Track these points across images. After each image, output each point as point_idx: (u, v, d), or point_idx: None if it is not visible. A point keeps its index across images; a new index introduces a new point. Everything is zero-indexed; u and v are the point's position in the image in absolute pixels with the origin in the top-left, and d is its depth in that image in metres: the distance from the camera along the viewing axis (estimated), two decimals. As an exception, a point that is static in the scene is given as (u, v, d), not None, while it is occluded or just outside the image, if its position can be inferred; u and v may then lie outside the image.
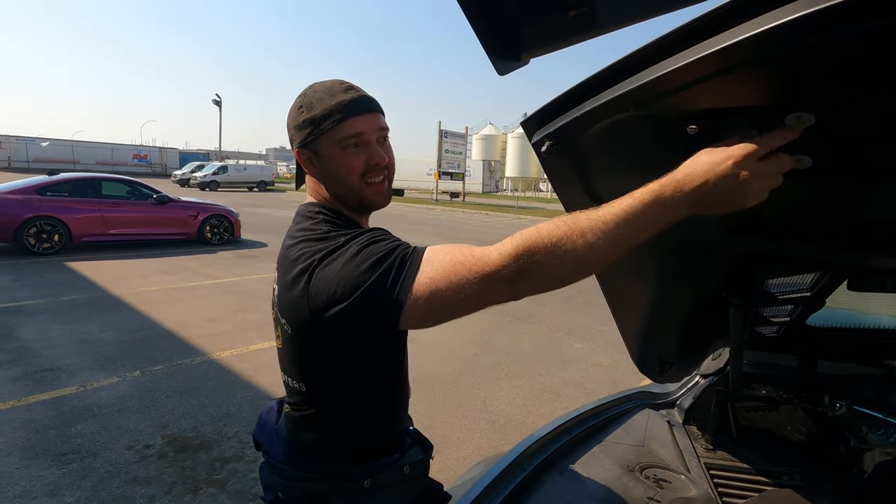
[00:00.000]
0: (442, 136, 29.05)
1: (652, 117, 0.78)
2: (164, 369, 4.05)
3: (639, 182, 1.01)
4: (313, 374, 0.95)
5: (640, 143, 0.89)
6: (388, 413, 1.02)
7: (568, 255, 0.72)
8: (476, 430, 3.38)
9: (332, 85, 0.93)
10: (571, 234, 0.73)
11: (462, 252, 0.79)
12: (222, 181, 31.73)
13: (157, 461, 2.80)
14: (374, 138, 0.93)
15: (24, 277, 6.87)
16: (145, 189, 9.79)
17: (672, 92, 0.68)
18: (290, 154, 11.78)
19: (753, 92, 0.66)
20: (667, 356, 1.76)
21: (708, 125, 0.75)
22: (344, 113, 0.89)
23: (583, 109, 0.82)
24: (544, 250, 0.73)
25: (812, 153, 0.72)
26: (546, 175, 1.04)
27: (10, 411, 3.27)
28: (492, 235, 14.64)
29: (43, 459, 2.76)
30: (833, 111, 0.66)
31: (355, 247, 0.83)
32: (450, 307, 0.79)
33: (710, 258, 1.28)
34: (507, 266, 0.75)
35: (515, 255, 0.75)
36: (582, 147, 0.92)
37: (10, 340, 4.52)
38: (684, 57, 0.63)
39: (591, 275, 0.79)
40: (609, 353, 4.96)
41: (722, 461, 1.56)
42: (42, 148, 42.80)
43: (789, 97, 0.66)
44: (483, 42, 0.91)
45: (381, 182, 0.95)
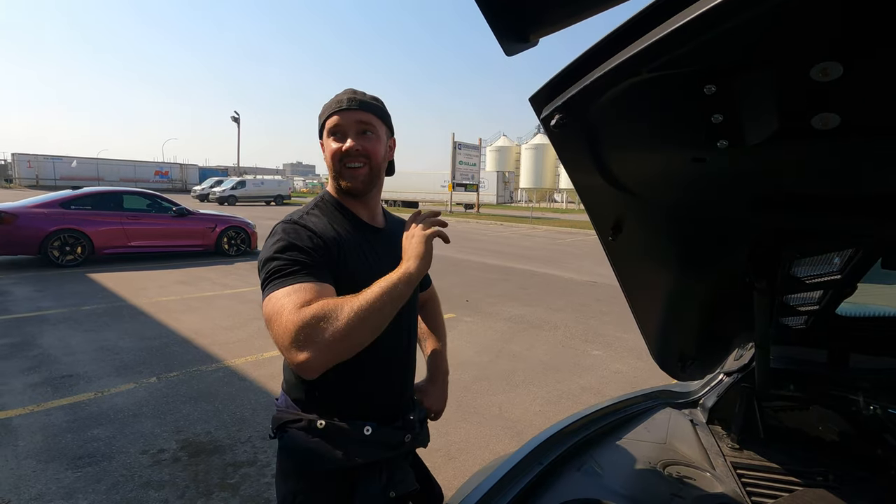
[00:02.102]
0: (456, 147, 29.19)
1: (666, 80, 0.74)
2: (179, 376, 4.07)
3: (651, 157, 0.96)
4: None
5: (655, 110, 0.84)
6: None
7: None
8: (492, 436, 3.31)
9: (343, 91, 1.18)
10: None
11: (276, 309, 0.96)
12: (240, 196, 32.30)
13: (171, 465, 2.79)
14: (353, 130, 1.13)
15: (48, 288, 7.02)
16: (165, 202, 9.99)
17: (687, 47, 0.64)
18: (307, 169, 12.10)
19: (775, 41, 0.62)
20: (688, 350, 1.69)
21: (727, 85, 0.70)
22: (331, 110, 1.14)
23: (593, 76, 0.78)
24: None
25: (840, 110, 0.67)
26: (557, 153, 1.00)
27: (30, 416, 3.31)
28: (507, 246, 14.57)
29: (59, 463, 2.77)
30: (864, 59, 0.60)
31: (271, 239, 1.07)
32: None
33: (732, 239, 1.22)
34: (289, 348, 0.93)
35: (310, 361, 0.92)
36: (593, 118, 0.88)
37: (31, 348, 4.60)
38: (698, 7, 0.59)
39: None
40: (628, 360, 4.84)
41: (749, 460, 1.48)
42: (68, 166, 44.18)
43: (813, 45, 0.61)
44: (490, 22, 0.88)
45: (358, 168, 1.14)
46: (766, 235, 1.20)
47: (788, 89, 0.64)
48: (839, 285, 1.31)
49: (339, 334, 0.89)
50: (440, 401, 1.40)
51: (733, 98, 0.69)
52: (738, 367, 1.75)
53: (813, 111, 0.63)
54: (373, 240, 1.19)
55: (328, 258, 1.05)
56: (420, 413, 1.30)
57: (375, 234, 1.21)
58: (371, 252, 1.16)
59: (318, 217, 1.13)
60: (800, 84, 0.63)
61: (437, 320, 1.54)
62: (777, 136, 0.71)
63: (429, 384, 1.40)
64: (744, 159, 0.83)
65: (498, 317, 6.37)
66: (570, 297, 7.74)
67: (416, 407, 1.30)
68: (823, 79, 0.60)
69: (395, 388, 1.22)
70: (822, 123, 0.65)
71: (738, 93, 0.68)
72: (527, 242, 15.65)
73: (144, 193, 10.13)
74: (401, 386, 1.24)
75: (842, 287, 1.32)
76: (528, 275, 9.61)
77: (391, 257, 1.16)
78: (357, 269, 1.10)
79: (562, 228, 20.37)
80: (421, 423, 1.29)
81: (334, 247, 1.08)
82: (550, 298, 7.56)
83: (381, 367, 1.17)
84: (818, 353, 1.60)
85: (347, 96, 1.14)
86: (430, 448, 1.45)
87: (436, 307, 1.57)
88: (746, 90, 0.67)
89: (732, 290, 1.35)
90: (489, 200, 35.29)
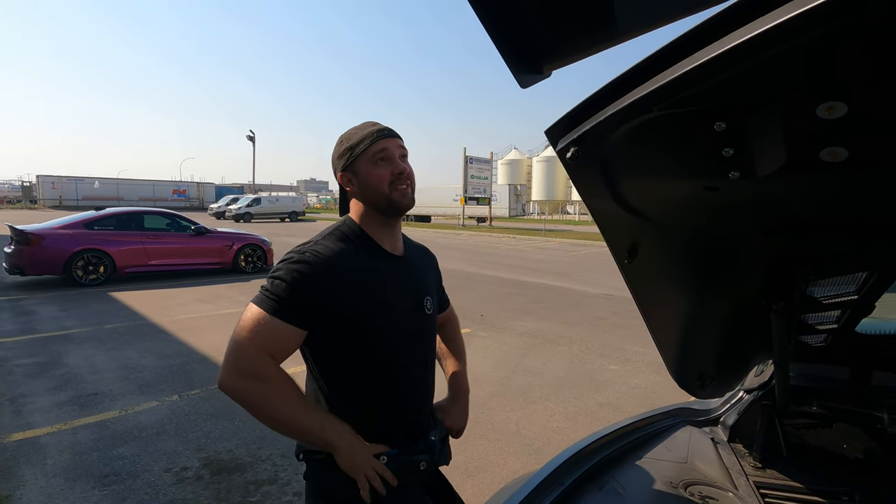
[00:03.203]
0: (467, 162, 29.39)
1: (677, 117, 0.77)
2: (200, 393, 4.14)
3: (665, 185, 0.99)
4: None
5: (667, 144, 0.88)
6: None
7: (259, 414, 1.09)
8: (510, 453, 3.30)
9: (363, 123, 1.24)
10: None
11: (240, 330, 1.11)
12: (256, 213, 32.83)
13: (194, 483, 2.84)
14: (397, 154, 1.20)
15: (72, 308, 7.20)
16: (184, 221, 10.22)
17: (698, 89, 0.67)
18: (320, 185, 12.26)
19: (781, 83, 0.65)
20: (707, 369, 1.69)
21: (736, 122, 0.73)
22: (373, 137, 1.19)
23: (606, 113, 0.82)
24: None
25: (847, 145, 0.70)
26: (572, 182, 1.04)
27: (57, 434, 3.39)
28: (521, 259, 14.55)
29: (86, 481, 2.83)
30: (866, 98, 0.64)
31: (282, 262, 1.14)
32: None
33: (747, 262, 1.24)
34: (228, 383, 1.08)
35: (229, 386, 1.07)
36: (607, 151, 0.91)
37: (58, 367, 4.72)
38: (709, 52, 0.62)
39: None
40: (646, 375, 4.79)
41: (773, 480, 1.47)
42: (90, 186, 45.40)
43: (819, 87, 0.64)
44: (504, 55, 0.92)
45: (405, 188, 1.20)
46: (781, 258, 1.22)
47: (796, 126, 0.67)
48: (857, 305, 1.32)
49: (250, 401, 1.07)
50: (461, 419, 1.43)
51: (743, 134, 0.71)
52: (758, 383, 1.75)
53: (821, 146, 0.66)
54: (392, 268, 1.22)
55: (323, 290, 1.10)
56: (441, 432, 1.32)
57: (395, 262, 1.24)
58: (386, 279, 1.19)
59: (332, 244, 1.15)
60: (807, 121, 0.65)
61: (457, 340, 1.58)
62: (787, 167, 0.74)
63: (450, 403, 1.43)
64: (756, 188, 0.86)
65: (513, 331, 6.36)
66: (585, 310, 7.70)
67: (437, 426, 1.33)
68: (830, 116, 0.63)
69: (414, 411, 1.26)
70: (831, 156, 0.68)
71: (748, 129, 0.71)
72: (540, 255, 15.61)
73: (164, 213, 10.38)
74: (419, 409, 1.27)
75: (859, 307, 1.32)
76: (543, 288, 9.58)
77: (409, 284, 1.25)
78: (369, 295, 1.15)
79: (575, 241, 20.29)
80: (442, 441, 1.31)
81: (340, 274, 1.12)
82: (565, 312, 7.52)
83: (400, 393, 1.22)
84: (840, 370, 1.59)
85: (380, 126, 1.21)
86: (448, 465, 1.48)
87: (455, 327, 1.60)
88: (755, 127, 0.70)
89: (750, 310, 1.36)
90: (501, 213, 35.35)
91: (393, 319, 1.18)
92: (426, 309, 1.27)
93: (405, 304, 1.22)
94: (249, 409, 1.07)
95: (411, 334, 1.23)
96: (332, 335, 1.13)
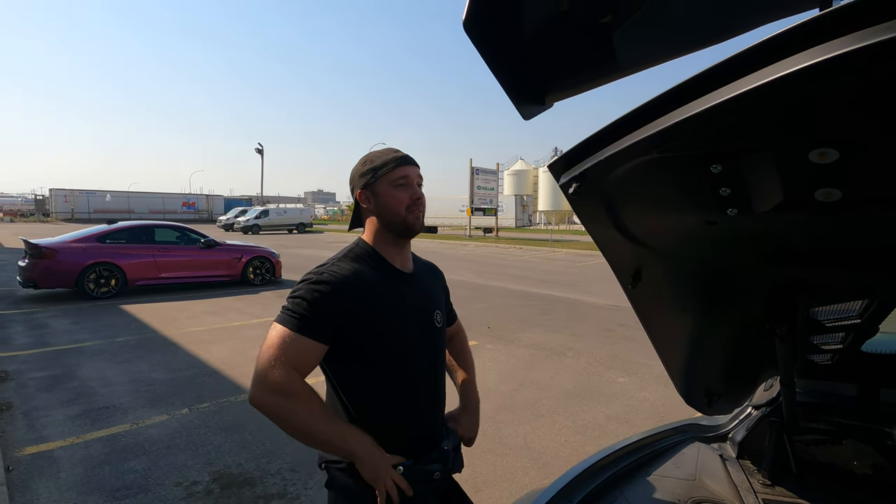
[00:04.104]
0: (473, 172, 29.51)
1: (675, 159, 0.80)
2: (210, 407, 4.17)
3: (666, 218, 1.02)
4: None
5: (665, 182, 0.90)
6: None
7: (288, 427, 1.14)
8: (518, 467, 3.29)
9: (387, 149, 1.33)
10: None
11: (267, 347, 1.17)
12: (264, 224, 33.09)
13: (204, 498, 2.86)
14: (415, 181, 1.29)
15: (84, 321, 7.29)
16: (193, 234, 10.35)
17: (694, 135, 0.70)
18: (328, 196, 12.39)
19: (775, 133, 0.67)
20: (714, 386, 1.70)
21: (732, 166, 0.75)
22: (397, 162, 1.28)
23: (607, 153, 0.84)
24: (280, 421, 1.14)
25: (841, 187, 0.72)
26: (575, 213, 1.07)
27: (70, 448, 3.43)
28: (527, 270, 14.53)
29: (98, 495, 2.86)
30: (856, 146, 0.66)
31: (302, 282, 1.21)
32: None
33: (749, 289, 1.25)
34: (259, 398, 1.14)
35: (261, 402, 1.13)
36: (608, 187, 0.94)
37: (70, 380, 4.78)
38: (706, 101, 0.64)
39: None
40: (654, 388, 4.76)
41: (781, 497, 1.47)
42: (102, 199, 46.06)
43: (810, 136, 0.66)
44: (506, 89, 0.95)
45: (419, 212, 1.30)
46: (782, 285, 1.23)
47: (789, 170, 0.69)
48: (860, 328, 1.33)
49: (279, 414, 1.13)
50: (473, 428, 1.49)
51: (739, 175, 0.74)
52: (767, 399, 1.75)
53: (815, 187, 0.68)
54: (401, 285, 1.30)
55: (340, 307, 1.18)
56: (453, 441, 1.38)
57: (406, 279, 1.32)
58: (398, 295, 1.27)
59: (347, 265, 1.24)
60: (800, 165, 0.68)
61: (465, 352, 1.65)
62: (783, 206, 0.76)
63: (461, 413, 1.49)
64: (754, 222, 0.88)
65: (520, 343, 6.35)
66: (592, 322, 7.67)
67: (450, 435, 1.38)
68: (822, 161, 0.65)
69: (427, 422, 1.32)
70: (825, 196, 0.70)
71: (743, 171, 0.73)
72: (547, 266, 15.59)
73: (174, 226, 10.51)
74: (432, 419, 1.34)
75: (863, 330, 1.33)
76: (550, 300, 9.57)
77: (419, 299, 1.33)
78: (383, 311, 1.22)
79: (582, 251, 20.24)
80: (455, 450, 1.37)
81: (355, 292, 1.20)
82: (573, 324, 7.50)
83: (414, 404, 1.28)
84: (847, 387, 1.59)
85: (404, 154, 1.31)
86: (456, 479, 1.51)
87: (463, 339, 1.68)
88: (750, 170, 0.72)
89: (754, 332, 1.37)
90: (508, 224, 35.38)
91: (406, 333, 1.26)
92: (436, 322, 1.34)
93: (417, 319, 1.29)
94: (278, 423, 1.13)
95: (423, 348, 1.30)
96: (350, 349, 1.21)
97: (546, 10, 0.80)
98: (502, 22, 0.84)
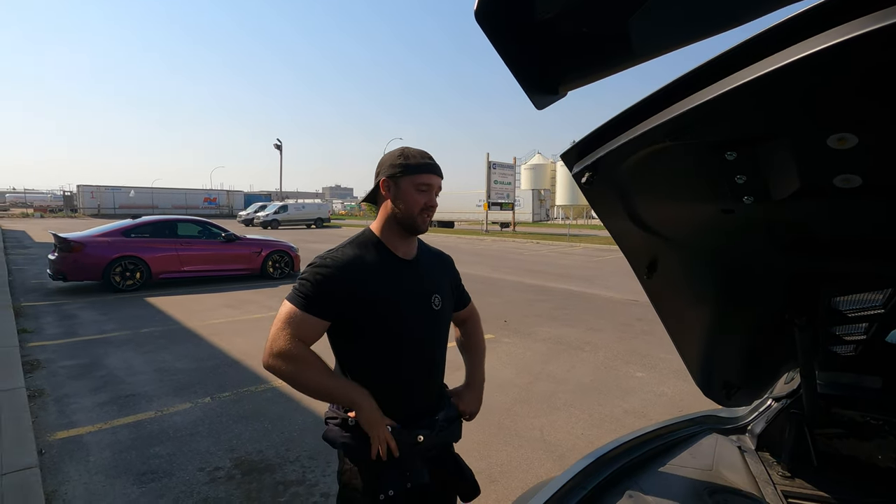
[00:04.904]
0: (490, 167, 29.37)
1: (688, 147, 0.78)
2: (231, 396, 4.27)
3: (681, 207, 1.00)
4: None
5: (679, 171, 0.89)
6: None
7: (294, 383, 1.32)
8: (534, 459, 3.30)
9: (424, 152, 1.42)
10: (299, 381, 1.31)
11: (276, 326, 1.32)
12: (283, 219, 33.54)
13: (226, 483, 2.94)
14: (435, 191, 1.40)
15: (110, 312, 7.51)
16: (215, 228, 10.55)
17: (707, 123, 0.68)
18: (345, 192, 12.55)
19: (792, 118, 0.65)
20: (733, 378, 1.68)
21: (747, 153, 0.74)
22: (427, 168, 1.38)
23: (619, 142, 0.83)
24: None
25: (861, 172, 0.70)
26: (589, 203, 1.06)
27: (99, 433, 3.56)
28: (544, 265, 14.45)
29: (126, 478, 2.96)
30: (877, 130, 0.64)
31: (309, 266, 1.36)
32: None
33: (768, 279, 1.23)
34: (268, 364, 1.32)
35: (269, 366, 1.30)
36: (621, 176, 0.93)
37: (99, 369, 4.94)
38: (719, 87, 0.63)
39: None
40: (673, 383, 4.71)
41: (801, 489, 1.45)
42: (126, 195, 47.22)
43: (829, 121, 0.64)
44: (519, 78, 0.95)
45: (429, 216, 1.41)
46: (802, 275, 1.20)
47: (807, 156, 0.67)
48: (884, 318, 1.29)
49: (286, 375, 1.29)
50: (473, 404, 1.59)
51: (755, 162, 0.72)
52: (787, 391, 1.72)
53: (834, 173, 0.66)
54: (403, 270, 1.42)
55: (340, 288, 1.32)
56: (450, 412, 1.49)
57: (406, 265, 1.44)
58: (397, 280, 1.39)
59: (350, 250, 1.37)
60: (818, 151, 0.66)
61: (477, 335, 1.74)
62: (801, 192, 0.75)
63: (465, 389, 1.61)
64: (772, 210, 0.86)
65: (536, 337, 6.33)
66: (610, 316, 7.60)
67: (447, 408, 1.49)
68: (841, 147, 0.63)
69: (418, 395, 1.45)
70: (845, 182, 0.68)
71: (759, 158, 0.71)
72: (565, 261, 15.48)
73: (196, 221, 10.73)
74: (424, 392, 1.46)
75: (887, 320, 1.30)
76: (567, 294, 9.51)
77: (418, 284, 1.44)
78: (381, 294, 1.35)
79: (600, 246, 20.00)
80: (449, 421, 1.47)
81: (355, 275, 1.33)
82: (590, 318, 7.45)
83: (407, 376, 1.42)
84: (872, 379, 1.56)
85: (434, 162, 1.41)
86: (471, 470, 1.55)
87: (475, 323, 1.76)
88: (766, 156, 0.70)
89: (773, 323, 1.35)
90: (525, 219, 35.17)
91: (402, 315, 1.38)
92: (433, 305, 1.45)
93: (413, 301, 1.41)
94: (288, 382, 1.29)
95: (419, 328, 1.42)
96: (349, 326, 1.35)
97: (555, 3, 0.79)
98: (514, 12, 0.84)
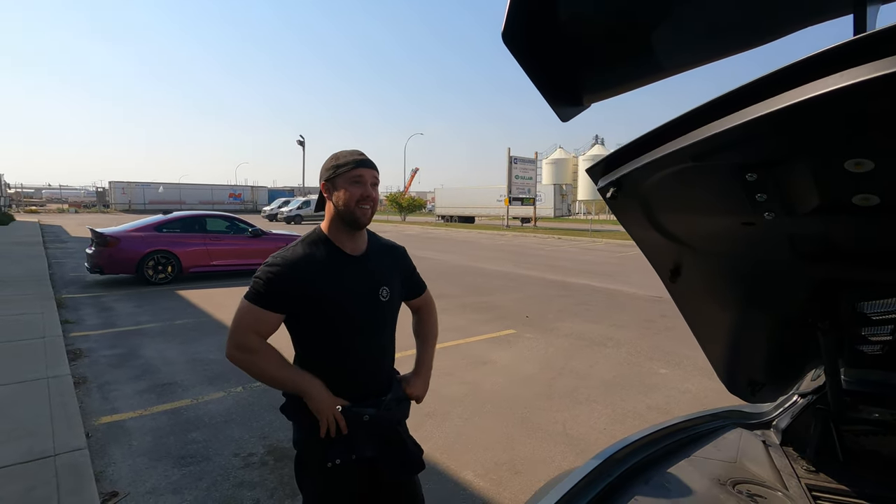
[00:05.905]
0: (511, 162, 29.23)
1: (710, 167, 0.82)
2: (262, 386, 4.41)
3: (703, 220, 1.04)
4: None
5: (701, 189, 0.92)
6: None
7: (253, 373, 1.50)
8: (556, 453, 3.34)
9: (355, 150, 1.53)
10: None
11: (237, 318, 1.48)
12: (306, 215, 34.05)
13: (260, 468, 3.07)
14: (369, 182, 1.50)
15: (145, 304, 7.81)
16: (242, 224, 10.82)
17: (730, 148, 0.72)
18: (368, 186, 12.66)
19: (811, 145, 0.68)
20: (758, 376, 1.70)
21: (767, 174, 0.77)
22: (356, 163, 1.49)
23: (643, 161, 0.87)
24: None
25: (877, 192, 0.73)
26: (613, 214, 1.10)
27: (140, 419, 3.75)
28: (566, 260, 14.37)
29: (166, 462, 3.13)
30: (892, 156, 0.66)
31: (263, 265, 1.49)
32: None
33: (790, 285, 1.25)
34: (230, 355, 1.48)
35: (230, 356, 1.48)
36: (645, 192, 0.97)
37: (136, 358, 5.17)
38: (743, 116, 0.66)
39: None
40: (697, 379, 4.68)
41: (826, 483, 1.47)
42: (155, 191, 48.61)
43: (846, 147, 0.67)
44: (543, 92, 0.97)
45: (367, 209, 1.50)
46: (825, 281, 1.22)
47: (825, 177, 0.70)
48: None
49: (244, 366, 1.47)
50: (420, 388, 1.73)
51: (775, 183, 0.76)
52: (814, 387, 1.72)
53: (852, 193, 0.69)
54: (347, 265, 1.53)
55: (290, 285, 1.45)
56: (396, 394, 1.62)
57: (353, 260, 1.55)
58: (342, 275, 1.51)
59: (301, 249, 1.50)
60: (836, 174, 0.69)
61: (430, 323, 1.85)
62: (820, 209, 0.78)
63: (413, 376, 1.75)
64: (793, 224, 0.89)
65: (558, 333, 6.35)
66: (633, 312, 7.55)
67: (394, 391, 1.62)
68: (858, 170, 0.67)
69: (367, 376, 1.59)
70: (863, 201, 0.71)
71: (779, 179, 0.75)
72: (587, 256, 15.36)
73: (224, 216, 11.02)
74: (369, 377, 1.59)
75: None
76: (589, 290, 9.46)
77: (365, 277, 1.55)
78: (327, 288, 1.47)
79: (623, 241, 19.75)
80: (396, 401, 1.61)
81: (304, 273, 1.46)
82: (613, 314, 7.41)
83: (354, 362, 1.56)
84: None
85: (364, 157, 1.52)
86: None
87: (428, 311, 1.86)
88: (786, 177, 0.74)
89: (797, 324, 1.37)
90: (546, 214, 34.90)
91: (347, 307, 1.50)
92: (381, 297, 1.56)
93: (361, 293, 1.53)
94: (246, 371, 1.47)
95: (365, 319, 1.54)
96: (301, 317, 1.49)
97: (583, 19, 0.82)
98: (540, 34, 0.86)
